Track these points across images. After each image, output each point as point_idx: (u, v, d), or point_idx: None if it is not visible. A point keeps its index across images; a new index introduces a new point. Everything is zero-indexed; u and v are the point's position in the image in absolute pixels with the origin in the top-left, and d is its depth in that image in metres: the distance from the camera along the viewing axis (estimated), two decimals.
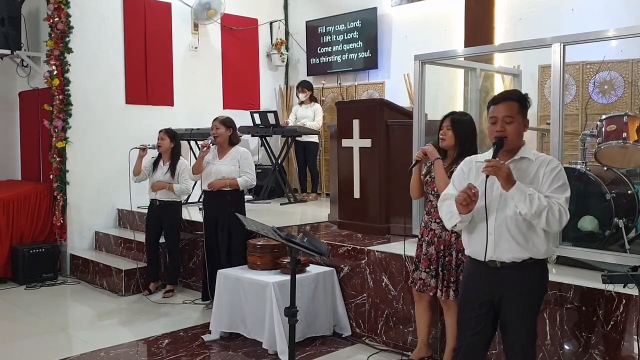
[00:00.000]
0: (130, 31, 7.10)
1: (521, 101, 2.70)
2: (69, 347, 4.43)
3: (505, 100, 2.68)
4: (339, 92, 8.23)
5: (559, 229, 2.59)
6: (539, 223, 2.54)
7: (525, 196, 2.50)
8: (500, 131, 2.63)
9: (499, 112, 2.66)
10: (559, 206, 2.52)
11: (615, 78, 5.76)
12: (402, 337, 4.17)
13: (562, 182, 2.59)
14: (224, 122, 5.08)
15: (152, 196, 5.67)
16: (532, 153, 2.68)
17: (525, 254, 2.63)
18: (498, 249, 2.64)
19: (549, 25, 6.03)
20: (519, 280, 2.64)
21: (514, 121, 2.63)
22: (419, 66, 4.43)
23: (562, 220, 2.53)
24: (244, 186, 5.05)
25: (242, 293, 4.34)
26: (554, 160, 2.66)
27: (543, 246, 2.65)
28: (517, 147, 2.68)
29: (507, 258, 2.65)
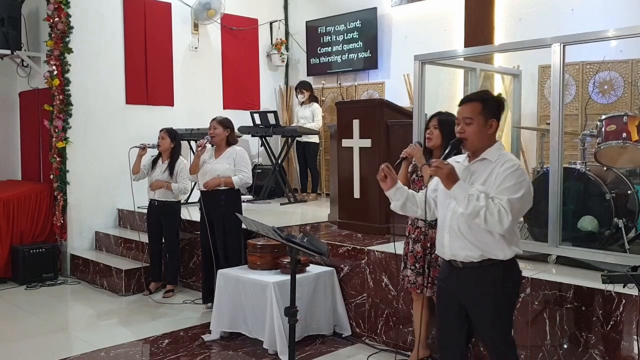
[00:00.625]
0: (130, 31, 7.10)
1: (485, 102, 2.67)
2: (69, 347, 4.43)
3: (466, 102, 2.71)
4: (339, 92, 8.23)
5: (501, 230, 2.53)
6: (480, 223, 2.54)
7: (465, 196, 2.53)
8: (460, 132, 2.67)
9: (459, 113, 2.70)
10: (499, 207, 2.50)
11: (615, 78, 5.76)
12: (402, 337, 4.17)
13: (512, 182, 2.54)
14: (222, 122, 5.08)
15: (151, 196, 5.67)
16: (497, 154, 2.65)
17: (478, 253, 2.64)
18: (453, 246, 2.71)
19: (549, 25, 6.03)
20: (480, 282, 2.66)
21: (473, 122, 2.64)
22: (419, 66, 4.43)
23: (502, 221, 2.49)
24: (239, 184, 5.01)
25: (242, 293, 4.34)
26: (511, 161, 2.61)
27: (499, 248, 2.63)
28: (481, 148, 2.67)
29: (461, 257, 2.69)
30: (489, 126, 2.66)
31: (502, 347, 2.72)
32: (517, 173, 2.56)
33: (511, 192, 2.53)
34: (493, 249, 2.63)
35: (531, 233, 4.20)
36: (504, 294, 2.68)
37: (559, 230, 3.72)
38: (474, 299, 2.69)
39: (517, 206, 2.53)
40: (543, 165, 4.61)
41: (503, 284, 2.66)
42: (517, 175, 2.56)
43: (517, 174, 2.56)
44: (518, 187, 2.54)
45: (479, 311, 2.69)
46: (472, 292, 2.69)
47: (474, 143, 2.66)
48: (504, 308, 2.69)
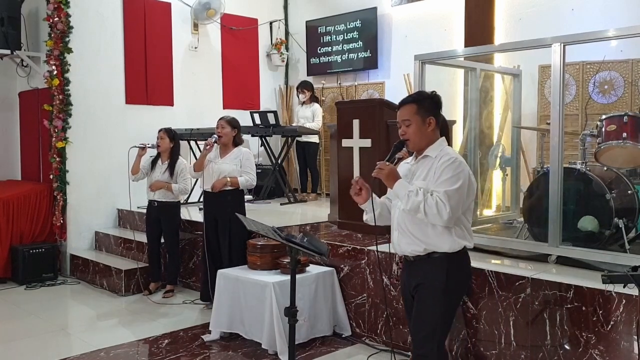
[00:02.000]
0: (130, 31, 7.10)
1: (419, 102, 2.80)
2: (69, 347, 4.43)
3: (402, 105, 2.84)
4: (339, 92, 8.23)
5: (442, 222, 2.64)
6: (422, 218, 2.66)
7: (406, 192, 2.68)
8: (402, 134, 2.82)
9: (398, 116, 2.84)
10: (436, 199, 2.61)
11: (615, 78, 5.76)
12: (402, 337, 4.16)
13: (450, 175, 2.65)
14: (230, 122, 5.08)
15: (151, 197, 5.66)
16: (438, 150, 2.77)
17: (422, 247, 2.75)
18: (402, 242, 2.84)
19: (549, 25, 6.03)
20: (424, 272, 2.79)
21: (411, 123, 2.78)
22: (419, 66, 4.43)
23: (440, 213, 2.60)
24: (245, 185, 5.04)
25: (242, 293, 4.34)
26: (448, 155, 2.72)
27: (442, 240, 2.73)
28: (424, 147, 2.80)
29: (409, 252, 2.81)
30: (428, 124, 2.78)
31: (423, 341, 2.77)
32: (453, 165, 2.67)
33: (448, 184, 2.64)
34: (437, 242, 2.74)
35: (531, 233, 4.20)
36: (447, 286, 2.76)
37: (559, 230, 3.71)
38: (419, 287, 2.81)
39: (455, 197, 2.63)
40: (543, 165, 4.61)
41: (448, 276, 2.75)
42: (453, 168, 2.67)
43: (453, 166, 2.67)
44: (455, 179, 2.65)
45: (418, 299, 2.80)
46: (418, 281, 2.81)
47: (416, 142, 2.80)
48: (441, 302, 2.76)
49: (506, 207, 5.54)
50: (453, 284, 2.79)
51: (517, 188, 5.30)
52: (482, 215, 5.30)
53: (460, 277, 2.85)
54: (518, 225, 4.57)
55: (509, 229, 5.05)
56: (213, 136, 5.08)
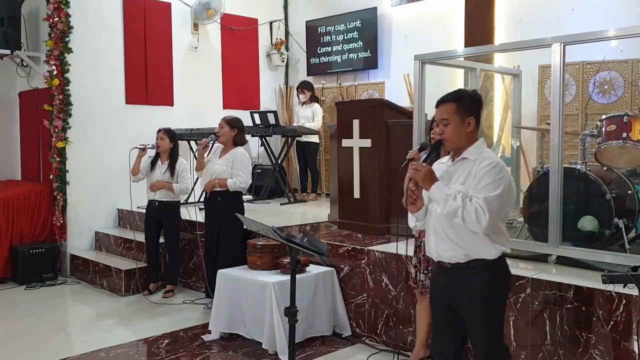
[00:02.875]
0: (130, 31, 7.10)
1: (459, 101, 2.67)
2: (69, 347, 4.43)
3: (441, 103, 2.72)
4: (339, 92, 8.23)
5: (480, 229, 2.53)
6: (459, 223, 2.54)
7: (443, 196, 2.55)
8: (439, 134, 2.69)
9: (437, 115, 2.71)
10: (475, 205, 2.50)
11: (615, 78, 5.76)
12: (402, 337, 4.16)
13: (490, 180, 2.53)
14: (229, 122, 5.06)
15: (151, 197, 5.65)
16: (477, 153, 2.64)
17: (462, 253, 2.63)
18: (439, 248, 2.71)
19: (549, 25, 6.03)
20: (466, 282, 2.65)
21: (449, 123, 2.65)
22: (419, 66, 4.43)
23: (480, 219, 2.49)
24: (233, 188, 4.91)
25: (242, 293, 4.34)
26: (489, 159, 2.60)
27: (483, 246, 2.61)
28: (462, 147, 2.67)
29: (447, 258, 2.68)
30: (467, 124, 2.66)
31: (491, 349, 2.71)
32: (495, 170, 2.55)
33: (489, 190, 2.53)
34: (478, 249, 2.62)
35: (531, 233, 4.19)
36: (492, 294, 2.66)
37: (559, 230, 3.71)
38: (462, 299, 2.68)
39: (495, 204, 2.52)
40: (543, 165, 4.61)
41: (491, 284, 2.65)
42: (495, 173, 2.55)
43: (494, 171, 2.55)
44: (496, 184, 2.53)
45: (466, 311, 2.69)
46: (460, 292, 2.68)
47: (454, 143, 2.67)
48: (492, 309, 2.68)
49: None
50: (496, 290, 2.70)
51: (517, 188, 5.29)
52: None
53: (501, 282, 2.74)
54: (518, 225, 4.57)
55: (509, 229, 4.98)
56: (210, 136, 5.08)
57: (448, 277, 2.72)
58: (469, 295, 2.66)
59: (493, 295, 2.67)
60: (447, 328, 2.79)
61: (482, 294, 2.64)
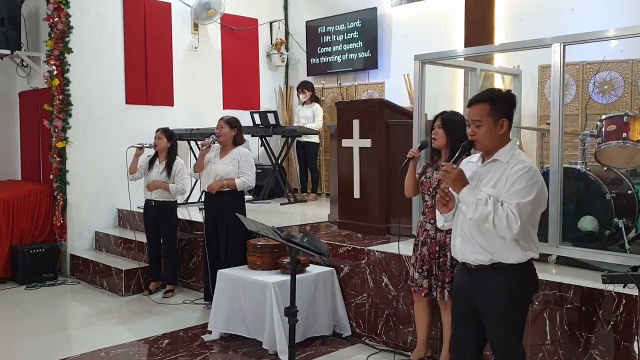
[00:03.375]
0: (130, 31, 7.10)
1: (493, 102, 2.60)
2: (69, 347, 4.43)
3: (474, 103, 2.66)
4: (339, 92, 8.23)
5: (511, 235, 2.48)
6: (489, 228, 2.50)
7: (473, 200, 2.50)
8: (471, 135, 2.63)
9: (469, 115, 2.65)
10: (507, 212, 2.45)
11: (615, 78, 5.76)
12: (402, 337, 4.17)
13: (522, 185, 2.48)
14: (229, 121, 5.06)
15: (148, 196, 5.65)
16: (509, 155, 2.58)
17: (488, 257, 2.60)
18: (465, 250, 2.67)
19: (549, 25, 6.03)
20: (489, 284, 2.62)
21: (482, 124, 2.59)
22: (419, 66, 4.43)
23: (511, 226, 2.44)
24: (242, 187, 4.99)
25: (242, 293, 4.34)
26: (522, 163, 2.53)
27: (510, 251, 2.57)
28: (493, 149, 2.62)
29: (472, 260, 2.65)
30: (500, 126, 2.59)
31: (509, 354, 2.68)
32: (527, 175, 2.49)
33: (521, 195, 2.47)
34: (504, 253, 2.58)
35: None
36: (514, 298, 2.63)
37: (559, 230, 3.71)
38: (484, 300, 2.65)
39: (527, 210, 2.47)
40: (543, 165, 4.61)
41: (515, 288, 2.61)
42: (527, 178, 2.49)
43: (527, 176, 2.49)
44: (528, 190, 2.48)
45: (488, 313, 2.65)
46: (483, 293, 2.65)
47: (485, 144, 2.61)
48: (513, 313, 2.64)
49: None
50: (520, 295, 2.65)
51: None
52: None
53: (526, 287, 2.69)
54: None
55: None
56: (211, 136, 5.07)
57: (472, 277, 2.69)
58: (492, 296, 2.63)
59: (516, 297, 2.63)
60: (468, 330, 2.75)
61: (505, 295, 2.60)
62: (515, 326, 2.67)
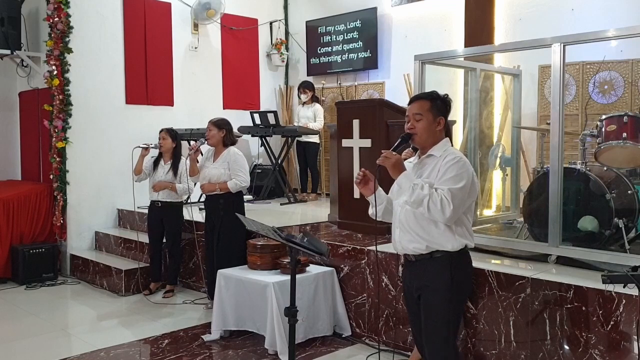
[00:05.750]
0: (130, 31, 7.10)
1: (433, 100, 2.83)
2: (69, 347, 4.43)
3: (416, 100, 2.89)
4: (339, 92, 8.23)
5: (443, 219, 2.67)
6: (423, 212, 2.66)
7: (410, 185, 2.69)
8: (410, 128, 2.84)
9: (410, 110, 2.86)
10: (441, 196, 2.63)
11: (615, 78, 5.76)
12: (402, 337, 4.17)
13: (454, 173, 2.68)
14: (216, 123, 5.03)
15: (154, 197, 5.65)
16: (442, 150, 2.80)
17: (424, 245, 2.75)
18: (403, 240, 2.83)
19: (549, 25, 6.03)
20: (428, 273, 2.79)
21: (422, 119, 2.80)
22: (419, 66, 4.43)
23: (444, 210, 2.62)
24: (235, 189, 4.94)
25: (242, 293, 4.34)
26: (453, 154, 2.76)
27: (446, 239, 2.74)
28: (429, 145, 2.84)
29: (410, 249, 2.81)
30: (437, 123, 2.82)
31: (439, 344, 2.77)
32: (458, 165, 2.70)
33: (453, 182, 2.67)
34: (439, 240, 2.75)
35: (531, 233, 4.20)
36: (451, 286, 2.76)
37: (559, 230, 3.71)
38: (423, 290, 2.80)
39: (458, 196, 2.65)
40: (543, 165, 4.61)
41: (450, 275, 2.75)
42: (458, 167, 2.70)
43: (458, 165, 2.70)
44: (459, 178, 2.68)
45: (425, 301, 2.80)
46: (422, 283, 2.81)
47: (423, 138, 2.82)
48: (448, 302, 2.76)
49: (506, 207, 5.54)
50: (457, 284, 2.80)
51: (517, 188, 5.30)
52: (482, 215, 5.30)
53: (464, 277, 2.86)
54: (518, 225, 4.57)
55: (509, 229, 5.04)
56: (199, 140, 5.08)
57: (413, 269, 2.86)
58: (429, 285, 2.78)
59: (452, 287, 2.77)
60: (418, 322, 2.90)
61: (441, 284, 2.76)
62: (447, 316, 2.79)
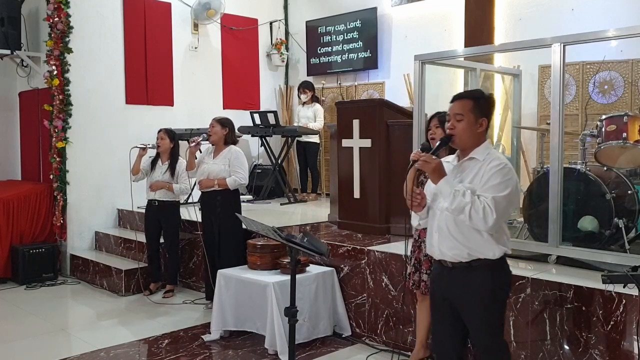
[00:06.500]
0: (130, 31, 7.10)
1: (477, 100, 2.67)
2: (69, 347, 4.43)
3: (458, 99, 2.72)
4: (339, 92, 8.23)
5: (485, 228, 2.53)
6: (464, 220, 2.55)
7: (451, 191, 2.54)
8: (450, 129, 2.68)
9: (451, 109, 2.70)
10: (484, 204, 2.50)
11: (615, 78, 5.76)
12: (402, 337, 4.17)
13: (499, 180, 2.54)
14: (220, 121, 5.08)
15: (151, 196, 5.65)
16: (485, 153, 2.64)
17: (466, 252, 2.63)
18: (441, 246, 2.70)
19: (549, 25, 6.03)
20: (468, 281, 2.65)
21: (463, 119, 2.64)
22: (419, 66, 4.43)
23: (486, 218, 2.49)
24: (234, 186, 4.98)
25: (242, 293, 4.34)
26: (498, 159, 2.61)
27: (488, 246, 2.62)
28: (469, 147, 2.67)
29: (450, 256, 2.68)
30: (479, 125, 2.66)
31: (492, 349, 2.72)
32: (503, 171, 2.56)
33: (497, 190, 2.53)
34: (481, 248, 2.62)
35: (531, 233, 4.19)
36: (494, 294, 2.67)
37: (559, 230, 3.71)
38: (463, 299, 2.68)
39: (502, 204, 2.53)
40: (543, 165, 4.61)
41: (492, 284, 2.65)
42: (503, 174, 2.56)
43: (503, 172, 2.56)
44: (504, 185, 2.54)
45: (468, 311, 2.69)
46: (461, 292, 2.68)
47: (463, 140, 2.66)
48: (493, 309, 2.68)
49: None
50: (499, 291, 2.70)
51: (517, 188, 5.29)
52: None
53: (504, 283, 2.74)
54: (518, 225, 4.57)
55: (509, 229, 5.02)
56: (201, 135, 5.09)
57: (450, 276, 2.71)
58: (470, 295, 2.65)
59: (495, 295, 2.67)
60: (448, 328, 2.78)
61: (484, 293, 2.64)
62: (495, 323, 2.72)
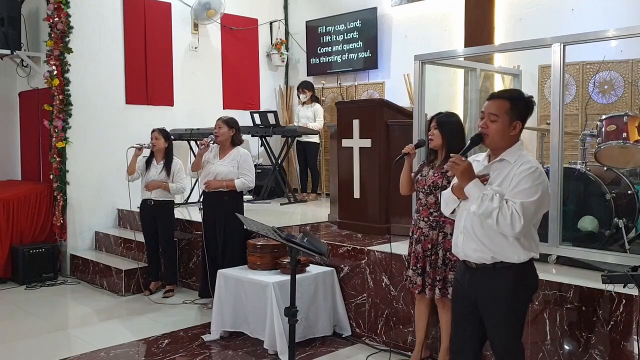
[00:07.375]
0: (130, 31, 7.10)
1: (514, 101, 2.60)
2: (69, 347, 4.43)
3: (495, 98, 2.64)
4: (339, 92, 8.23)
5: (512, 234, 2.48)
6: (491, 224, 2.49)
7: (479, 195, 2.49)
8: (482, 127, 2.61)
9: (487, 108, 2.63)
10: (512, 210, 2.44)
11: (615, 78, 5.76)
12: (402, 337, 4.17)
13: (528, 185, 2.47)
14: (227, 122, 5.08)
15: (146, 196, 5.65)
16: (516, 155, 2.57)
17: (490, 255, 2.59)
18: (466, 247, 2.67)
19: (549, 25, 6.03)
20: (491, 284, 2.62)
21: (497, 120, 2.57)
22: (419, 66, 4.43)
23: (514, 224, 2.44)
24: (241, 188, 5.03)
25: (242, 293, 4.34)
26: (529, 163, 2.53)
27: (513, 250, 2.56)
28: (501, 148, 2.61)
29: (474, 258, 2.64)
30: (513, 127, 2.59)
31: (509, 351, 2.69)
32: (534, 175, 2.49)
33: (526, 195, 2.47)
34: (507, 252, 2.57)
35: None
36: (516, 297, 2.62)
37: (559, 230, 3.71)
38: (486, 300, 2.65)
39: (531, 210, 2.47)
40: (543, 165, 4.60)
41: (516, 287, 2.61)
42: (533, 178, 2.49)
43: (533, 176, 2.49)
44: (534, 190, 2.47)
45: (490, 312, 2.65)
46: (484, 293, 2.65)
47: (495, 141, 2.60)
48: (515, 309, 2.64)
49: None
50: (521, 296, 2.65)
51: None
52: None
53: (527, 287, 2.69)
54: None
55: None
56: (210, 136, 5.09)
57: (473, 277, 2.68)
58: (493, 297, 2.62)
59: (517, 295, 2.63)
60: (468, 329, 2.75)
61: (507, 296, 2.60)
62: (516, 325, 2.68)
